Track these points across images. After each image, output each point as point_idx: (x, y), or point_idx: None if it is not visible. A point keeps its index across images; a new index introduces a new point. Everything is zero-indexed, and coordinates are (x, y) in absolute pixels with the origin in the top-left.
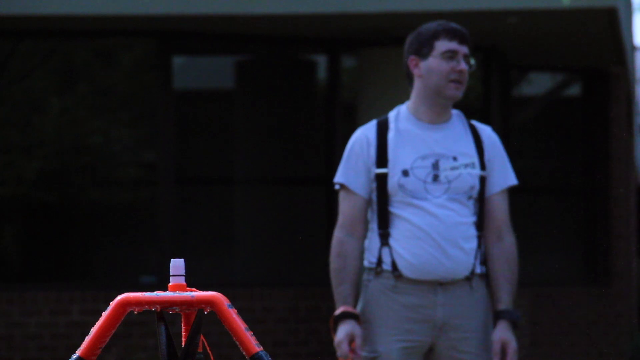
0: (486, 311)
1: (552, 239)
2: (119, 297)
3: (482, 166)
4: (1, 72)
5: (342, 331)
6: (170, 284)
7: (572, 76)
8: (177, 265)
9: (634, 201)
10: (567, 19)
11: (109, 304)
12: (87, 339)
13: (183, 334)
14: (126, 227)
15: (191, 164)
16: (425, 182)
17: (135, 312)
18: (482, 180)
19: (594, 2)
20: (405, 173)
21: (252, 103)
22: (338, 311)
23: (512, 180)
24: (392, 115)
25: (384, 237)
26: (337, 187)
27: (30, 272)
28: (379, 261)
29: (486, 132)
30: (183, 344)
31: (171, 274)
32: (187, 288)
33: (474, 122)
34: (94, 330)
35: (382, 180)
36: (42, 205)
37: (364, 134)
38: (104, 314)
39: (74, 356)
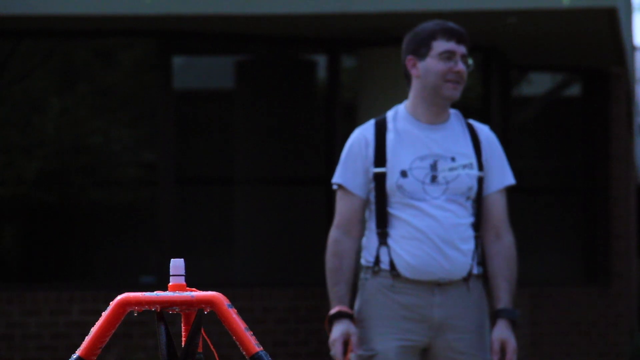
0: (483, 312)
1: (552, 238)
2: (119, 297)
3: (480, 167)
4: (1, 72)
5: (337, 330)
6: (170, 284)
7: (572, 76)
8: (177, 265)
9: (634, 201)
10: (567, 19)
11: (109, 304)
12: (87, 339)
13: (183, 334)
14: (126, 227)
15: (191, 164)
16: (424, 183)
17: (135, 313)
18: (480, 181)
19: (594, 2)
20: (403, 174)
21: (252, 103)
22: (333, 310)
23: (509, 179)
24: (390, 115)
25: (382, 237)
26: (334, 187)
27: (30, 272)
28: (377, 260)
29: (484, 131)
30: (183, 344)
31: (171, 274)
32: (187, 288)
33: (472, 122)
34: (94, 330)
35: (380, 180)
36: (42, 205)
37: (362, 134)
38: (104, 314)
39: (74, 356)
